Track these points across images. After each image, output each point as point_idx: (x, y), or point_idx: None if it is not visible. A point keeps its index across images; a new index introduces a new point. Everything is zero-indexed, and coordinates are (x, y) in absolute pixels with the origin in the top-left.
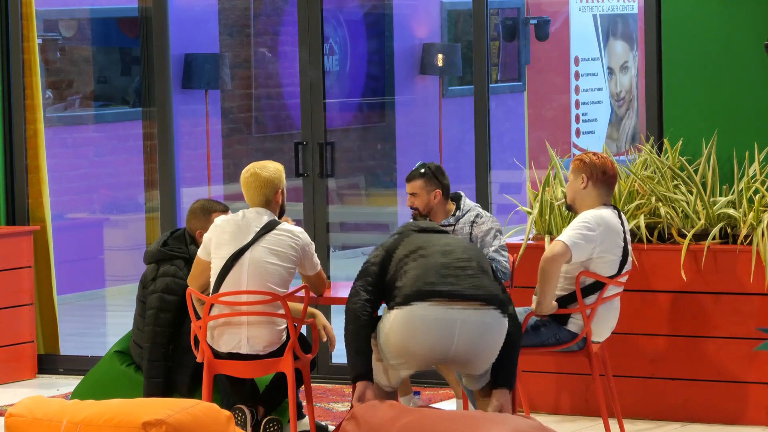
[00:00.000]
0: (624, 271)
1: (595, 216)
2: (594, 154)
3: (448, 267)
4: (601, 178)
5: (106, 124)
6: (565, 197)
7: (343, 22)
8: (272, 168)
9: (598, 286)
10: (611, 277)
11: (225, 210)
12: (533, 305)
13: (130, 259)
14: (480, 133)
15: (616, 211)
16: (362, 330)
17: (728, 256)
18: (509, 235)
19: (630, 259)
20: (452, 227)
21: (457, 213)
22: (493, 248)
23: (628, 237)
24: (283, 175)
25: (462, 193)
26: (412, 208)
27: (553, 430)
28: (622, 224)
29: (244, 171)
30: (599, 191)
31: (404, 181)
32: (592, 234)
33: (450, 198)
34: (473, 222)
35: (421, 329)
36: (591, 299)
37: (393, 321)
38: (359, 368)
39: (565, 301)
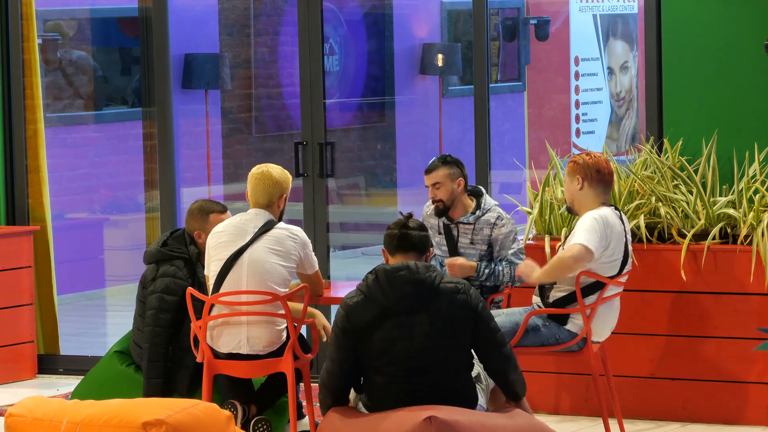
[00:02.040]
0: (624, 271)
1: (601, 217)
2: (587, 153)
3: (413, 394)
4: (596, 177)
5: (106, 124)
6: (565, 200)
7: (343, 22)
8: (282, 171)
9: (598, 286)
10: (611, 278)
11: (223, 210)
12: (528, 272)
13: (130, 259)
14: (480, 133)
15: (617, 212)
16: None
17: (728, 256)
18: None
19: (630, 259)
20: (471, 226)
21: (477, 212)
22: (511, 251)
23: (629, 237)
24: (290, 183)
25: (483, 190)
26: (434, 201)
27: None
28: (623, 224)
29: (254, 168)
30: (596, 190)
31: (405, 182)
32: (600, 229)
33: (470, 192)
34: (494, 224)
35: None
36: (591, 299)
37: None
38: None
39: (565, 301)
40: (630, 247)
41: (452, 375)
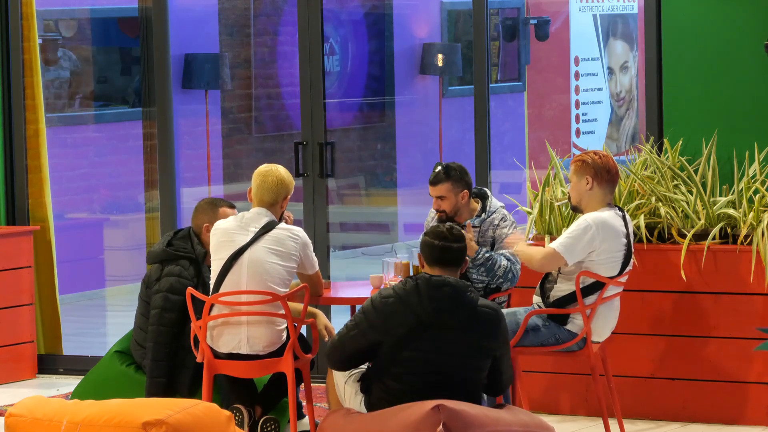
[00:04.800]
0: (625, 271)
1: (595, 219)
2: (595, 153)
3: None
4: (606, 177)
5: (106, 124)
6: (569, 199)
7: (343, 22)
8: (288, 173)
9: (597, 286)
10: (612, 278)
11: (232, 206)
12: (513, 240)
13: (130, 259)
14: (480, 133)
15: (620, 212)
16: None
17: (728, 256)
18: None
19: (632, 259)
20: (477, 229)
21: (483, 215)
22: (509, 251)
23: (632, 237)
24: (293, 186)
25: (488, 192)
26: (438, 211)
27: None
28: (626, 225)
29: (261, 167)
30: (604, 190)
31: (405, 182)
32: (588, 237)
33: (475, 195)
34: (497, 225)
35: None
36: (591, 299)
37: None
38: None
39: (565, 301)
40: (632, 248)
41: (468, 392)
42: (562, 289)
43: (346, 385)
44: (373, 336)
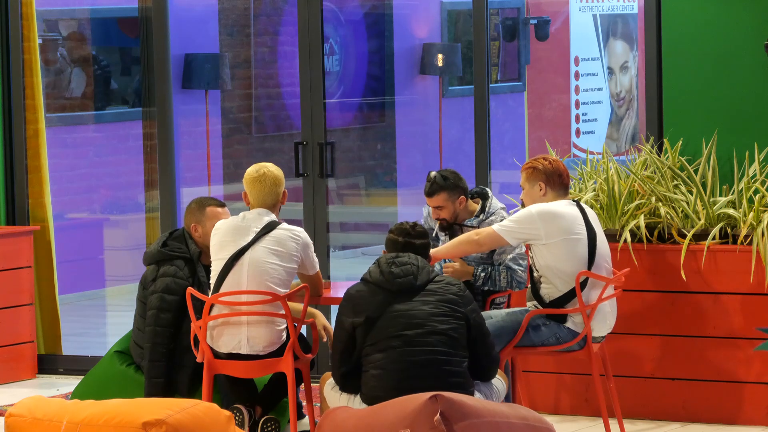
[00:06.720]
0: (597, 256)
1: (537, 206)
2: (544, 158)
3: (408, 370)
4: (558, 181)
5: (106, 124)
6: (522, 206)
7: (343, 22)
8: (278, 169)
9: (583, 285)
10: (589, 264)
11: (221, 205)
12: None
13: (130, 259)
14: (480, 133)
15: (574, 202)
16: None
17: (728, 256)
18: None
19: (599, 243)
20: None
21: (481, 215)
22: (510, 256)
23: (594, 222)
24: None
25: (489, 192)
26: (439, 219)
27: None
28: (583, 211)
29: (252, 170)
30: (557, 193)
31: (405, 182)
32: (527, 222)
33: (476, 194)
34: None
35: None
36: (585, 295)
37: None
38: None
39: (563, 300)
40: (598, 231)
41: (447, 354)
42: (550, 287)
43: (341, 398)
44: (349, 321)
